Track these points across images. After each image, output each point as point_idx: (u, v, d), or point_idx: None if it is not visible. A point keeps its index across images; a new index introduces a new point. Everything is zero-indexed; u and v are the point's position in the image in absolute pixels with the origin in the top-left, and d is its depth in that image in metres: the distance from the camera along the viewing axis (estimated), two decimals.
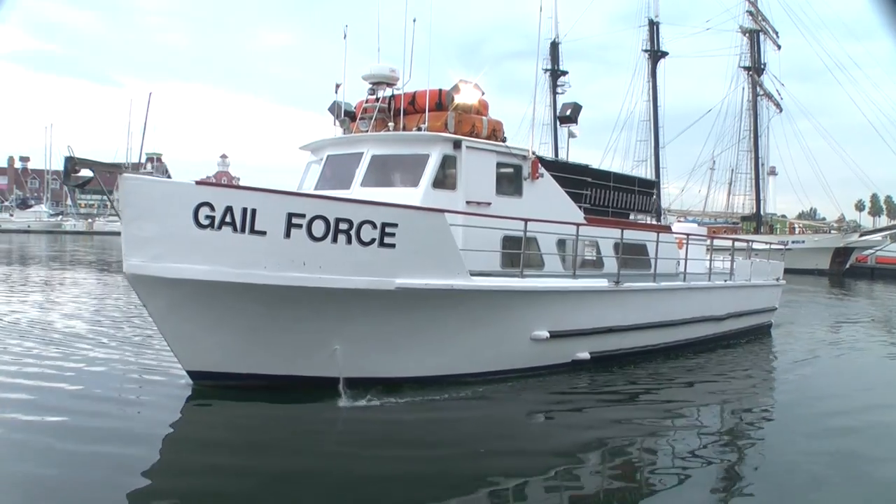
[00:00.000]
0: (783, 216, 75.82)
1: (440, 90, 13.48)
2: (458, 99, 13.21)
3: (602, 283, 13.83)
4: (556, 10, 68.30)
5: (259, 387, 10.58)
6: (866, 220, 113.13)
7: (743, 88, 67.01)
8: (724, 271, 19.24)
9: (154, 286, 9.72)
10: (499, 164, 13.55)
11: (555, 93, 68.48)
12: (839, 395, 12.94)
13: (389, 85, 13.93)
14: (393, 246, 10.35)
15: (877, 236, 59.19)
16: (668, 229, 19.03)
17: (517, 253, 12.60)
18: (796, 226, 69.95)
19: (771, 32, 65.41)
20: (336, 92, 14.40)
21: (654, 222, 19.89)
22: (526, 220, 12.23)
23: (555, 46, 68.60)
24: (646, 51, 65.09)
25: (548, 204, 14.15)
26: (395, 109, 13.90)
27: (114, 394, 10.72)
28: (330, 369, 10.55)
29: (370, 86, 14.02)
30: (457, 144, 12.90)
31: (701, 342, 17.19)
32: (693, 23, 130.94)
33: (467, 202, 12.87)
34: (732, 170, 69.29)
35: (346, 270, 10.13)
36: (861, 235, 59.57)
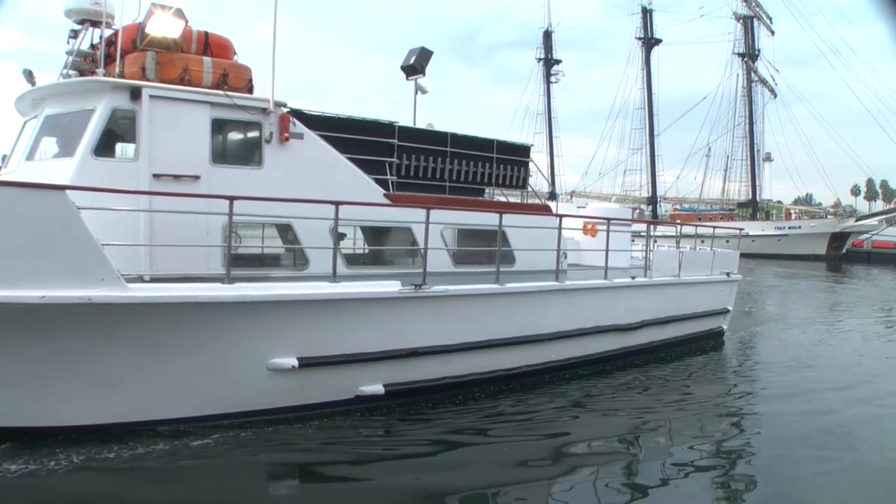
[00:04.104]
0: (779, 202, 69.11)
1: (140, 24, 8.65)
2: (150, 31, 8.33)
3: (390, 286, 8.83)
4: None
5: None
6: (862, 205, 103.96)
7: (737, 75, 61.85)
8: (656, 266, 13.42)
9: None
10: (218, 122, 8.67)
11: (548, 82, 63.89)
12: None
13: (96, 24, 9.12)
14: None
15: (872, 221, 53.84)
16: (544, 210, 13.36)
17: (244, 248, 8.02)
18: (792, 211, 63.64)
19: (765, 18, 60.45)
20: (68, 43, 9.71)
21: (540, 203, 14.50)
22: (232, 199, 7.44)
23: (548, 35, 63.97)
24: (639, 38, 61.74)
25: (311, 176, 9.24)
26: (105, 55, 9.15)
27: None
28: None
29: (73, 26, 9.25)
30: (135, 93, 8.12)
31: (596, 361, 11.75)
32: (687, 10, 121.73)
33: (155, 175, 8.10)
34: (728, 156, 64.22)
35: None
36: (857, 220, 54.49)
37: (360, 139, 10.05)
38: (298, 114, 9.22)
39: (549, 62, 64.21)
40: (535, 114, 64.89)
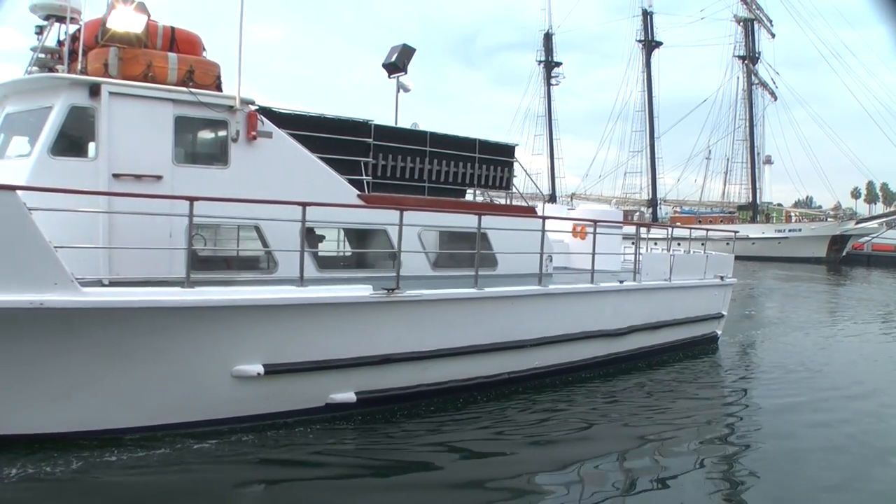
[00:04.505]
0: (779, 205, 68.75)
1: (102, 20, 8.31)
2: (112, 26, 7.97)
3: (360, 291, 8.42)
4: (549, 1, 63.23)
5: None
6: (862, 208, 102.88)
7: (738, 78, 61.32)
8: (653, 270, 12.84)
9: None
10: (181, 120, 8.31)
11: (549, 84, 63.53)
12: None
13: (61, 19, 8.75)
14: None
15: (873, 223, 53.29)
16: (529, 211, 12.74)
17: (206, 250, 7.62)
18: (793, 214, 63.14)
19: (765, 21, 59.93)
20: (38, 37, 9.37)
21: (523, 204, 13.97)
22: (192, 199, 7.06)
23: (548, 38, 63.58)
24: (640, 41, 61.14)
25: (280, 176, 8.88)
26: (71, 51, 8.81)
27: None
28: None
29: (39, 21, 8.90)
30: (94, 90, 7.76)
31: (583, 367, 11.26)
32: (687, 12, 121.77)
33: (115, 175, 7.75)
34: (728, 159, 63.81)
35: None
36: (857, 223, 53.82)
37: (333, 138, 9.67)
38: (267, 112, 8.87)
39: (549, 64, 63.86)
40: (536, 116, 64.77)
